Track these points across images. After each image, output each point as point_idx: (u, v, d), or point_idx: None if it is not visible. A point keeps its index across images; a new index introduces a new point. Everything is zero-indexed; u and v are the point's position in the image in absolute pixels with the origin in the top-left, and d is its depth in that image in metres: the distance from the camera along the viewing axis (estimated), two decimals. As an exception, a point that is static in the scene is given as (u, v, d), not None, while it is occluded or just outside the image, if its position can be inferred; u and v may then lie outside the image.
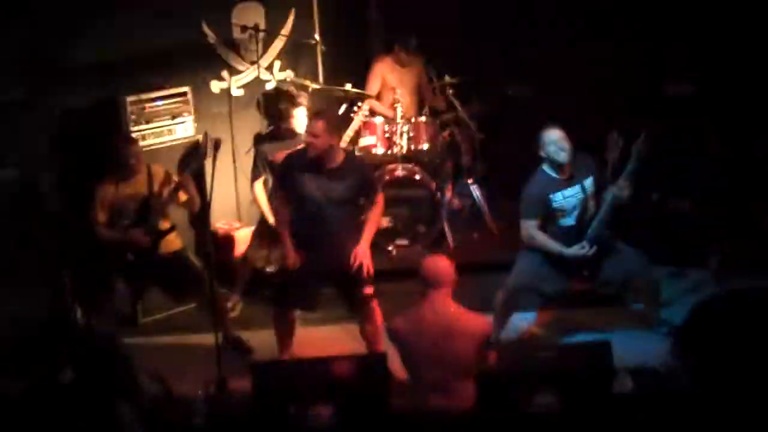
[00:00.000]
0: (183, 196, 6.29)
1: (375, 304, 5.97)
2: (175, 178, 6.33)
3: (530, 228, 6.04)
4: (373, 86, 7.99)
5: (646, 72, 7.96)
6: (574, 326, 6.53)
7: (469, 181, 8.00)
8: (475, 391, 4.89)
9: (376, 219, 6.07)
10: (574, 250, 5.98)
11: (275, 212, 6.27)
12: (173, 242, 6.40)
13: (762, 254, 6.96)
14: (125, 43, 7.05)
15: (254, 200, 6.96)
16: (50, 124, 6.93)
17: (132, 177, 6.31)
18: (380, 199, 6.07)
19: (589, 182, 6.05)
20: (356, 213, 6.02)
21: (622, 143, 5.95)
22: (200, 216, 6.33)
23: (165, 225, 6.34)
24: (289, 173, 5.91)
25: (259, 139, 7.13)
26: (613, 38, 8.04)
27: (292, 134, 6.92)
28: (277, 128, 7.04)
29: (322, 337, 6.51)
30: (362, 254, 5.89)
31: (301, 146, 6.03)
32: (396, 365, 5.04)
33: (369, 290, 5.94)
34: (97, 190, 6.38)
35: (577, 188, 6.03)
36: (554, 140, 5.96)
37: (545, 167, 6.05)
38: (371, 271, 5.90)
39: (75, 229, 6.85)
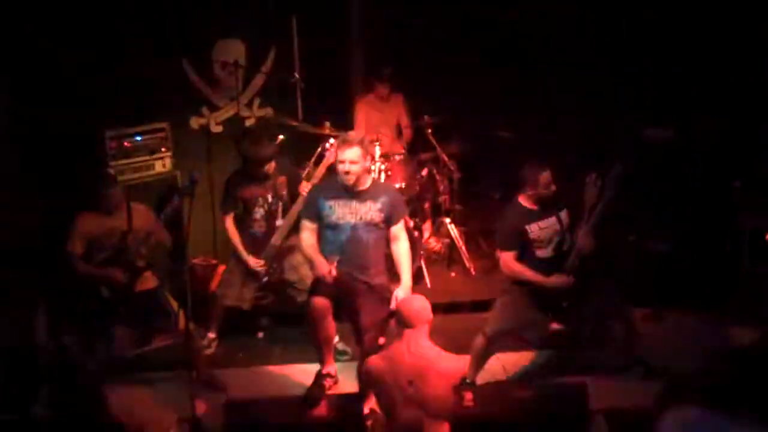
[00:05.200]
0: (159, 236, 6.27)
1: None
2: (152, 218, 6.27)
3: (508, 259, 6.05)
4: (359, 126, 8.01)
5: (625, 116, 8.01)
6: (551, 368, 6.51)
7: (447, 220, 8.01)
8: (449, 431, 4.87)
9: (408, 253, 5.98)
10: (554, 280, 5.99)
11: (303, 243, 6.11)
12: (148, 280, 6.36)
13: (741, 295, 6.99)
14: (105, 77, 7.05)
15: (227, 233, 6.91)
16: (28, 156, 6.92)
17: (112, 212, 6.28)
18: (403, 226, 6.02)
19: (564, 214, 6.08)
20: (386, 240, 5.98)
21: (600, 184, 5.98)
22: (177, 253, 6.28)
23: (141, 263, 6.30)
24: (315, 202, 5.93)
25: (232, 174, 7.10)
26: (593, 82, 8.10)
27: (265, 175, 6.83)
28: (252, 167, 6.91)
29: (298, 375, 6.46)
30: (406, 294, 5.80)
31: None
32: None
33: (382, 340, 5.79)
34: (76, 222, 6.35)
35: (552, 219, 6.06)
36: (546, 183, 5.99)
37: (521, 199, 6.08)
38: None
39: (51, 262, 6.82)
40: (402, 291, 5.86)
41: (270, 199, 6.80)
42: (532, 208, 6.04)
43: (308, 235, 6.01)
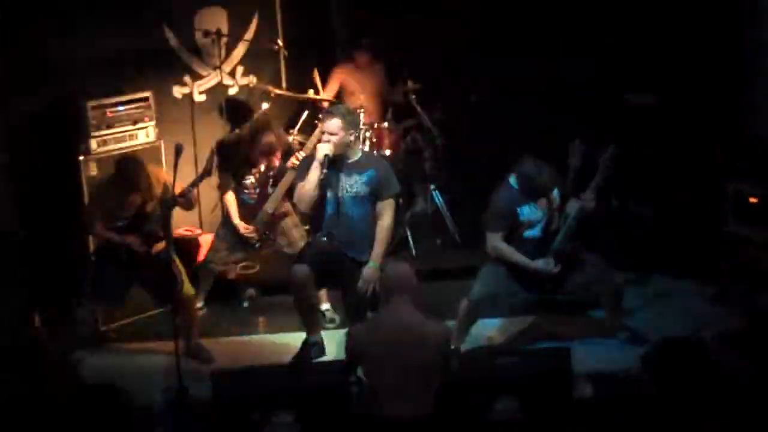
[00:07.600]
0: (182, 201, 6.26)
1: None
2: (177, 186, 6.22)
3: (496, 240, 6.05)
4: (329, 90, 7.99)
5: (609, 81, 8.01)
6: (535, 333, 6.56)
7: (432, 187, 8.01)
8: (435, 398, 4.90)
9: (385, 233, 5.95)
10: (540, 265, 6.01)
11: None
12: (161, 244, 6.37)
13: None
14: (86, 47, 6.99)
15: (224, 206, 6.93)
16: (7, 128, 6.86)
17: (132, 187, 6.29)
18: (391, 204, 5.97)
19: (555, 194, 6.08)
20: (374, 215, 5.96)
21: (584, 150, 5.99)
22: (161, 223, 6.28)
23: (160, 231, 6.28)
24: (306, 169, 5.91)
25: (222, 146, 7.08)
26: (577, 46, 8.08)
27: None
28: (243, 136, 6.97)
29: (284, 343, 6.49)
30: (371, 277, 5.86)
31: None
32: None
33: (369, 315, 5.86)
34: (96, 189, 6.40)
35: (543, 201, 6.05)
36: (537, 186, 5.97)
37: (512, 181, 6.07)
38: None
39: (34, 235, 6.80)
40: (368, 270, 5.88)
41: (262, 167, 6.81)
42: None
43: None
